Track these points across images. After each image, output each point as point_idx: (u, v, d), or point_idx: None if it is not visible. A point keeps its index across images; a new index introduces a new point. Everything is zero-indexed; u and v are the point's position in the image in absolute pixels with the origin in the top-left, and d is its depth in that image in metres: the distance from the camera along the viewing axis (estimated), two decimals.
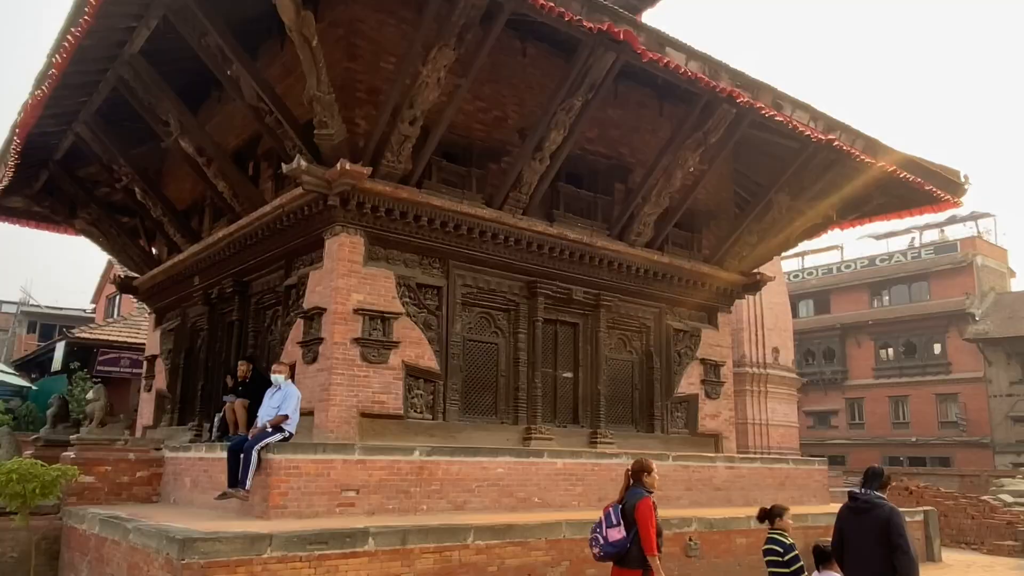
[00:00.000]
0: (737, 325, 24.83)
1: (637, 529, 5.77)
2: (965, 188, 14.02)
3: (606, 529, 5.88)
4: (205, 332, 13.79)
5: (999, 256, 44.23)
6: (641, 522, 5.77)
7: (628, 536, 5.78)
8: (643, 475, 6.15)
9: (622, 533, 5.81)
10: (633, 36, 9.55)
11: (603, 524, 5.91)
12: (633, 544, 5.76)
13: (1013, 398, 37.32)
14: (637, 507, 5.83)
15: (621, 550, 5.82)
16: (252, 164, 12.49)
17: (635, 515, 5.80)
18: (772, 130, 12.12)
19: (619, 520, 5.85)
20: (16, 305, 41.43)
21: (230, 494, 8.57)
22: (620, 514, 5.89)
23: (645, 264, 13.20)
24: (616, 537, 5.81)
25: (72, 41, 9.46)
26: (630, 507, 5.90)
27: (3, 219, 16.89)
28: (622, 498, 6.07)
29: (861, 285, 45.14)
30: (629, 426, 13.13)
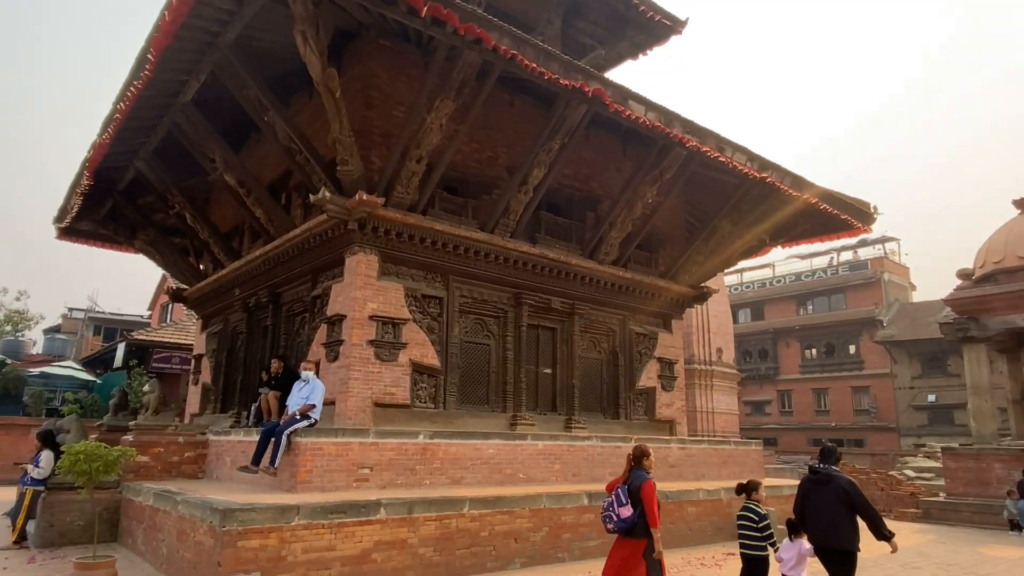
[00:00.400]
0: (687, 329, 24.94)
1: (643, 506, 5.87)
2: (874, 217, 14.19)
3: (617, 508, 5.98)
4: (244, 335, 13.73)
5: (902, 273, 44.78)
6: (646, 500, 5.89)
7: (635, 512, 5.89)
8: (643, 459, 6.24)
9: (631, 511, 5.91)
10: (602, 91, 9.66)
11: (614, 504, 6.01)
12: (639, 519, 5.87)
13: (915, 390, 37.71)
14: (642, 488, 5.93)
15: (630, 525, 5.92)
16: (285, 195, 12.50)
17: (640, 494, 5.89)
18: (716, 168, 12.20)
19: (627, 500, 5.96)
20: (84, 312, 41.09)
21: (251, 469, 8.61)
22: (629, 493, 5.98)
23: (611, 279, 13.24)
24: (626, 515, 5.91)
25: (134, 91, 9.48)
26: (635, 487, 5.98)
27: (74, 239, 16.80)
28: (626, 479, 6.14)
29: (789, 297, 45.58)
30: (598, 414, 13.14)
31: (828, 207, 13.20)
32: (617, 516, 5.95)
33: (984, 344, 16.35)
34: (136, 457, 8.82)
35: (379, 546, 7.24)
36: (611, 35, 15.25)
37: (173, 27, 8.18)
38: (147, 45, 8.69)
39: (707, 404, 25.52)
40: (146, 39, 8.67)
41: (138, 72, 9.13)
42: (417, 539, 7.55)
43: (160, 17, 8.18)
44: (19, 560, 8.41)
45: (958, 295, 16.45)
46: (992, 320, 15.92)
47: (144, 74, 9.01)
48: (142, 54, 8.89)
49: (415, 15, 7.88)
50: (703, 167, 12.42)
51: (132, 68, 9.31)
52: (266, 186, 12.29)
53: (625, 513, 5.92)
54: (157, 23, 8.28)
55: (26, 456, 16.63)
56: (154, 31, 8.42)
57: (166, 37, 8.37)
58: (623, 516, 5.91)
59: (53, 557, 8.57)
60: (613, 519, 6.00)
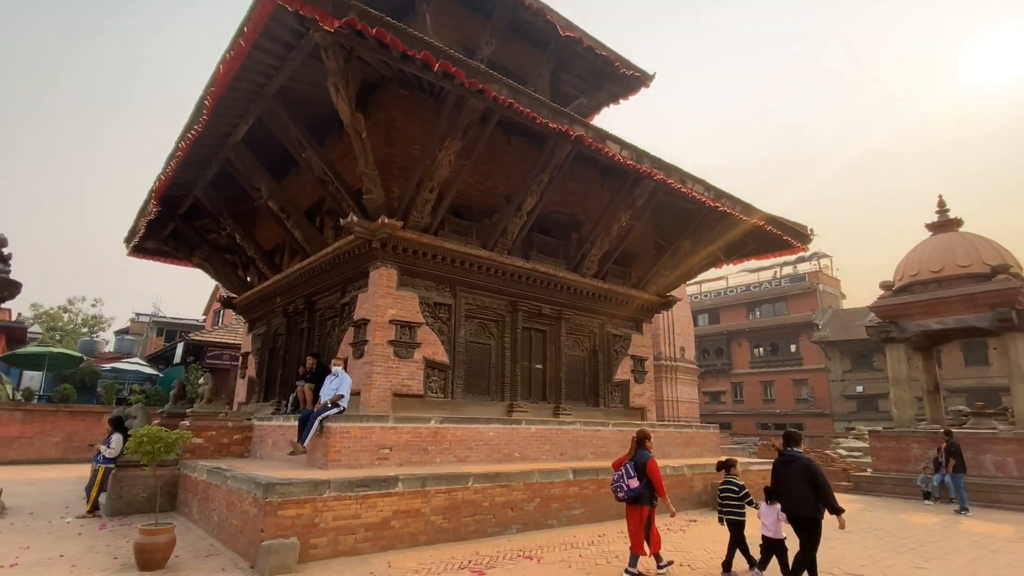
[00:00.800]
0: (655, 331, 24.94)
1: (648, 479, 6.23)
2: (811, 238, 14.24)
3: (626, 480, 6.27)
4: (283, 336, 13.68)
5: (834, 284, 44.92)
6: (652, 474, 6.27)
7: (641, 484, 6.20)
8: (645, 441, 6.53)
9: (638, 483, 6.21)
10: (583, 134, 9.72)
11: (624, 476, 6.30)
12: (644, 489, 6.21)
13: (845, 382, 37.73)
14: (648, 464, 6.29)
15: (638, 494, 6.20)
16: (319, 218, 12.50)
17: (647, 469, 6.25)
18: (680, 197, 12.25)
19: (635, 473, 6.25)
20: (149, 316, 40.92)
21: (295, 448, 8.62)
22: (635, 468, 6.29)
23: (592, 289, 13.26)
24: (635, 485, 6.21)
25: (193, 134, 9.51)
26: (641, 463, 6.30)
27: (141, 256, 16.75)
28: (632, 456, 6.42)
29: (740, 304, 45.66)
30: (581, 402, 13.11)
31: (772, 229, 13.27)
32: (627, 487, 6.23)
33: (903, 344, 16.38)
34: (192, 439, 8.75)
35: (397, 515, 7.19)
36: (592, 86, 15.38)
37: (226, 79, 8.22)
38: (204, 94, 8.72)
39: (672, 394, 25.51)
40: (203, 89, 8.70)
41: (197, 117, 9.16)
42: (429, 509, 7.51)
43: (215, 71, 8.22)
44: (92, 527, 8.33)
45: (881, 303, 16.48)
46: (909, 324, 15.96)
47: (202, 118, 9.05)
48: (200, 102, 8.92)
49: (429, 70, 7.94)
50: (669, 196, 12.47)
51: (192, 113, 9.34)
52: (303, 211, 12.30)
53: (633, 484, 6.20)
54: (213, 76, 8.32)
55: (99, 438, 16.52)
56: (210, 83, 8.45)
57: (220, 88, 8.41)
58: (631, 487, 6.20)
59: (121, 524, 8.49)
60: (624, 489, 6.27)
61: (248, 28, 7.43)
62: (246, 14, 7.34)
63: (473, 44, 12.52)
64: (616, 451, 11.93)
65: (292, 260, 13.25)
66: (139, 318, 43.35)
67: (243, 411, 13.70)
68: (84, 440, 18.66)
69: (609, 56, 13.97)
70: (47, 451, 18.26)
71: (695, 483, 11.42)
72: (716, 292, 48.26)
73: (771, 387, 41.55)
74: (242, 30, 7.52)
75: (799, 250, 14.97)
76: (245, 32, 7.49)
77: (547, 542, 7.82)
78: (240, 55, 7.82)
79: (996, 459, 13.89)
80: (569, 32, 12.90)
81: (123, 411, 11.53)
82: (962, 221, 16.58)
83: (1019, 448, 13.60)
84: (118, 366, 24.78)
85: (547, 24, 12.58)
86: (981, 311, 14.67)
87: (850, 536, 8.86)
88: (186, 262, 16.99)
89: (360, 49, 7.78)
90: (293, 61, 8.41)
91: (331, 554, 6.59)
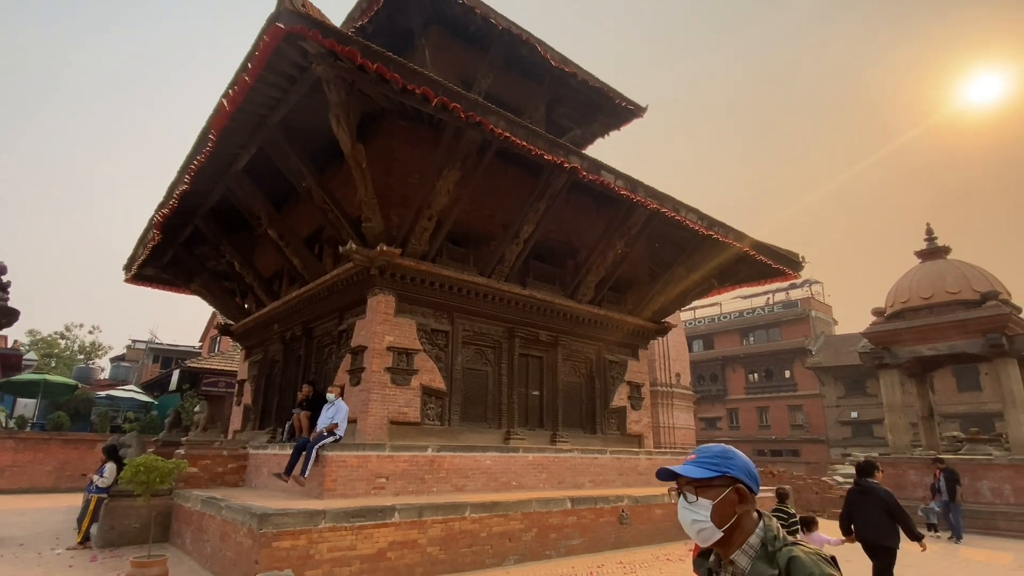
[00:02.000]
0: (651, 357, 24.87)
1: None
2: (802, 265, 14.34)
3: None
4: (280, 363, 13.56)
5: (826, 310, 45.02)
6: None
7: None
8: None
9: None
10: (578, 164, 9.84)
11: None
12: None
13: (840, 408, 37.53)
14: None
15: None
16: (318, 246, 12.49)
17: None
18: (673, 225, 12.34)
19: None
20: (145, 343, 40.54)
21: (290, 478, 8.40)
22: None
23: (588, 315, 13.24)
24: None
25: (196, 164, 9.56)
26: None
27: (140, 283, 16.69)
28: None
29: (734, 330, 45.64)
30: (579, 429, 12.97)
31: (764, 257, 13.34)
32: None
33: (896, 370, 16.36)
34: (187, 469, 8.61)
35: (393, 546, 7.03)
36: (586, 118, 15.63)
37: (230, 110, 8.30)
38: (208, 125, 8.79)
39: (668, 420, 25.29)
40: (207, 121, 8.77)
41: (200, 147, 9.23)
42: (426, 539, 7.35)
43: (219, 103, 8.30)
44: (83, 558, 8.12)
45: (873, 329, 16.51)
46: (902, 350, 15.97)
47: (205, 149, 9.10)
48: (203, 133, 8.99)
49: (428, 103, 8.05)
50: (662, 224, 12.56)
51: (195, 143, 9.41)
52: (302, 239, 12.30)
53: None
54: (216, 107, 8.40)
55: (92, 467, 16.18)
56: (214, 114, 8.53)
57: (224, 119, 8.49)
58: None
59: (113, 556, 8.28)
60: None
61: (252, 62, 7.54)
62: (251, 48, 7.45)
63: (471, 77, 12.74)
64: (614, 479, 11.82)
65: (290, 287, 13.20)
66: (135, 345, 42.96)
67: (238, 439, 13.50)
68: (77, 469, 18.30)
69: (602, 89, 14.23)
70: (39, 480, 17.89)
71: None
72: (710, 318, 48.26)
73: (766, 413, 41.27)
74: (246, 65, 7.62)
75: (791, 277, 15.04)
76: (249, 67, 7.60)
77: (546, 573, 7.66)
78: (244, 88, 7.91)
79: (992, 486, 13.76)
80: (563, 66, 13.16)
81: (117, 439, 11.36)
82: (950, 248, 16.74)
83: (1015, 475, 13.49)
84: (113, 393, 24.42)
85: (541, 58, 12.84)
86: (972, 337, 14.70)
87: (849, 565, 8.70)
88: (185, 289, 16.91)
89: (361, 82, 7.89)
90: (295, 93, 8.50)
91: None
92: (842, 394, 37.67)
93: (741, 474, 1.62)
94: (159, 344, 39.74)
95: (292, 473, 8.32)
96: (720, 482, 1.62)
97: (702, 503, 1.61)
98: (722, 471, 1.62)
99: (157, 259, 14.59)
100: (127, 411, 23.46)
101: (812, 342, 39.94)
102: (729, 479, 1.62)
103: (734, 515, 1.60)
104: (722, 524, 1.59)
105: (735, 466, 1.63)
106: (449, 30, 12.75)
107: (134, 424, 20.95)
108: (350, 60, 7.26)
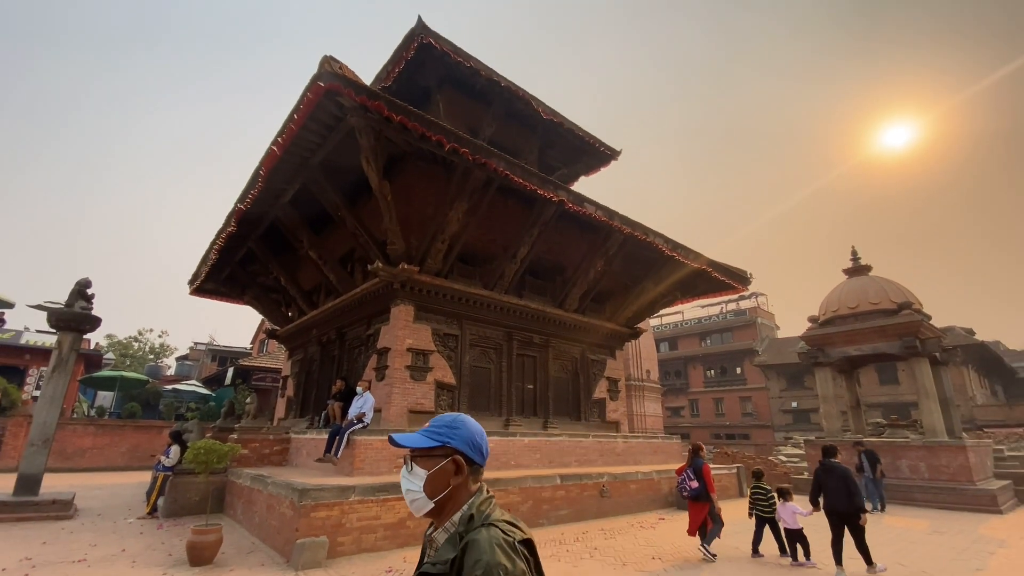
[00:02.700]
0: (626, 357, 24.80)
1: (704, 481, 6.61)
2: (750, 280, 14.36)
3: (688, 482, 6.71)
4: (317, 362, 13.48)
5: (770, 317, 44.93)
6: (707, 478, 6.64)
7: (700, 485, 6.61)
8: (700, 451, 6.93)
9: (697, 483, 6.63)
10: (564, 198, 9.89)
11: (686, 479, 6.74)
12: (703, 489, 6.60)
13: (782, 399, 37.36)
14: (703, 468, 6.68)
15: (698, 493, 6.61)
16: (350, 264, 12.49)
17: (703, 473, 6.65)
18: (644, 247, 12.39)
19: (694, 476, 6.68)
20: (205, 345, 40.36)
21: (325, 459, 8.35)
22: (694, 473, 6.71)
23: (574, 322, 13.22)
24: (695, 486, 6.63)
25: (250, 198, 9.57)
26: (698, 468, 6.70)
27: (201, 295, 16.59)
28: (690, 464, 6.84)
29: (694, 334, 45.47)
30: (566, 417, 12.90)
31: (718, 274, 13.37)
32: (689, 488, 6.66)
33: (829, 367, 16.32)
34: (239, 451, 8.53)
35: (411, 516, 6.94)
36: (572, 159, 15.72)
37: (279, 153, 8.34)
38: (260, 166, 8.83)
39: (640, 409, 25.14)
40: (259, 162, 8.82)
41: (253, 184, 9.26)
42: None
43: (269, 148, 8.35)
44: (151, 526, 8.00)
45: (809, 333, 16.51)
46: (833, 351, 15.95)
47: (257, 186, 9.13)
48: (256, 172, 9.03)
49: (442, 147, 8.10)
50: (635, 246, 12.60)
51: (248, 181, 9.44)
52: (337, 258, 12.30)
53: (693, 485, 6.63)
54: (268, 151, 8.45)
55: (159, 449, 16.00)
56: (265, 157, 8.57)
57: (273, 160, 8.53)
58: (692, 487, 6.63)
59: (176, 524, 8.16)
60: (687, 490, 6.70)
61: (298, 113, 7.59)
62: (297, 102, 7.51)
63: (477, 126, 12.84)
64: (595, 459, 11.71)
65: (327, 299, 13.18)
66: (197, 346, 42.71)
67: (282, 426, 13.38)
68: (146, 451, 18.11)
69: (584, 136, 14.34)
70: (115, 460, 17.69)
71: (662, 486, 11.15)
72: (674, 324, 48.14)
73: (722, 403, 41.04)
74: (292, 116, 7.68)
75: (741, 290, 15.06)
76: (295, 117, 7.65)
77: (539, 539, 7.55)
78: (291, 135, 7.96)
79: (910, 463, 13.68)
80: (552, 117, 13.27)
81: (181, 426, 11.26)
82: (871, 267, 16.81)
83: (928, 454, 13.41)
84: (178, 387, 24.26)
85: (534, 111, 12.95)
86: (891, 340, 14.71)
87: None
88: (238, 300, 16.86)
89: (387, 130, 7.94)
90: (332, 139, 8.55)
91: (355, 551, 6.34)
92: (784, 387, 37.55)
93: (462, 445, 1.33)
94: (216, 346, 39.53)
95: (330, 453, 8.27)
96: (440, 452, 1.33)
97: (418, 472, 1.33)
98: (443, 440, 1.34)
99: (216, 275, 14.56)
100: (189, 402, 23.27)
101: (758, 344, 39.89)
102: (449, 450, 1.33)
103: (447, 487, 1.31)
104: (434, 495, 1.30)
105: (457, 436, 1.35)
106: (459, 88, 12.87)
107: (195, 413, 20.78)
108: (378, 112, 7.32)
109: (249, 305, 16.63)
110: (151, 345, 41.20)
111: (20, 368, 21.49)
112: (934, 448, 13.35)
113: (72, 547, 6.52)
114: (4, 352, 21.35)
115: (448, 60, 11.34)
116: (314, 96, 7.19)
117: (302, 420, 12.91)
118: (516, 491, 8.31)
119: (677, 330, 47.07)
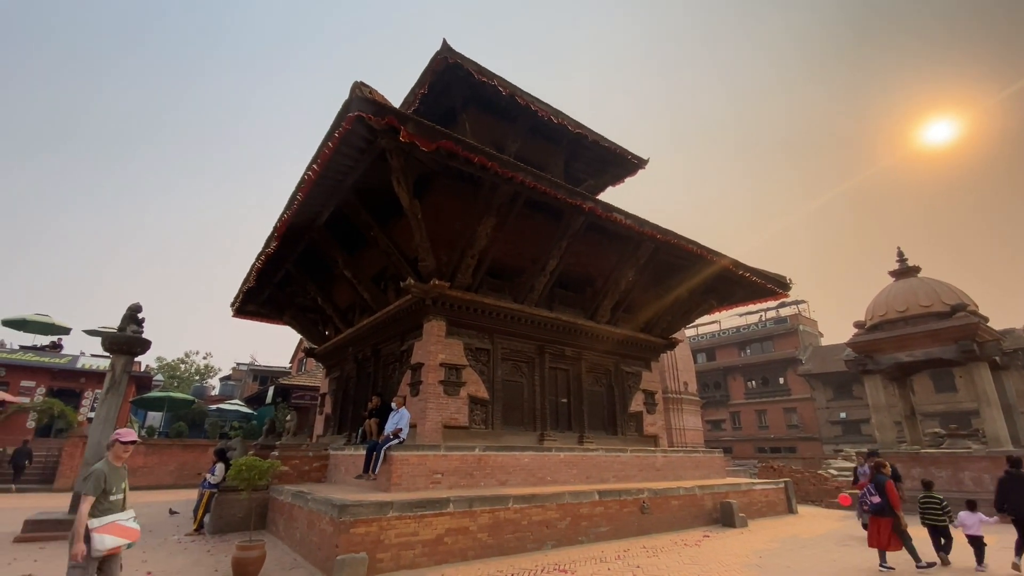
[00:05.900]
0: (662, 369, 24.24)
1: (887, 496, 6.84)
2: (790, 286, 13.88)
3: (870, 497, 6.97)
4: (354, 379, 13.69)
5: (812, 325, 43.21)
6: (890, 493, 6.87)
7: (883, 500, 6.85)
8: (882, 468, 7.20)
9: (879, 499, 6.88)
10: (594, 207, 9.84)
11: (867, 494, 7.01)
12: (885, 503, 6.82)
13: (830, 409, 35.70)
14: (886, 485, 6.92)
15: (880, 508, 6.85)
16: (383, 282, 12.67)
17: (885, 489, 6.89)
18: (675, 255, 12.16)
19: (876, 492, 6.94)
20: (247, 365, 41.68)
21: (364, 476, 8.40)
22: (876, 488, 6.95)
23: (606, 334, 13.03)
24: (876, 501, 6.90)
25: (286, 219, 9.91)
26: (880, 484, 6.94)
27: (242, 317, 17.21)
28: (871, 480, 7.09)
29: (733, 344, 44.12)
30: (602, 431, 12.65)
31: (757, 279, 12.98)
32: (871, 503, 6.89)
33: (879, 374, 15.52)
34: (280, 468, 8.69)
35: (449, 532, 6.91)
36: (598, 171, 15.67)
37: (314, 177, 8.62)
38: (296, 191, 9.13)
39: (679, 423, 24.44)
40: (295, 187, 9.12)
41: (291, 205, 9.57)
42: (476, 527, 7.20)
43: (305, 173, 8.64)
44: (198, 543, 8.22)
45: (856, 340, 15.76)
46: (883, 357, 15.17)
47: (294, 207, 9.44)
48: (293, 196, 9.33)
49: (470, 163, 8.22)
50: (666, 255, 12.40)
51: (286, 204, 9.77)
52: (370, 277, 12.52)
53: (876, 500, 6.87)
54: (303, 177, 8.74)
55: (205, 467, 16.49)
56: (301, 183, 8.87)
57: (309, 185, 8.81)
58: (874, 502, 6.86)
59: (222, 540, 8.36)
60: (868, 504, 6.93)
61: (331, 139, 7.85)
62: (331, 127, 7.77)
63: (502, 143, 12.98)
64: (634, 474, 11.40)
65: (361, 317, 13.40)
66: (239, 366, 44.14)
67: (320, 443, 13.60)
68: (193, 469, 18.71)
69: (611, 147, 14.28)
70: (163, 478, 18.34)
71: (706, 502, 10.75)
72: (711, 334, 46.85)
73: (765, 415, 39.50)
74: (327, 142, 7.95)
75: (781, 296, 14.57)
76: (330, 144, 7.91)
77: (579, 557, 7.37)
78: (325, 158, 8.23)
79: (973, 475, 12.77)
80: (578, 130, 13.28)
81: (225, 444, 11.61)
82: (920, 268, 16.00)
83: (992, 465, 12.49)
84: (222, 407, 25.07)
85: (559, 125, 12.98)
86: (945, 344, 13.89)
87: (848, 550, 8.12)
88: (278, 320, 17.37)
89: (416, 151, 8.12)
90: (364, 161, 8.77)
91: (393, 567, 6.33)
92: (831, 397, 35.87)
93: None
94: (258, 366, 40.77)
95: (368, 470, 8.33)
96: None
97: None
98: None
99: (256, 297, 15.06)
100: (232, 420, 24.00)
101: (801, 352, 38.32)
102: None
103: None
104: None
105: None
106: (483, 106, 13.06)
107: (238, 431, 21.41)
108: (407, 134, 7.48)
109: (288, 325, 17.10)
110: (197, 366, 42.86)
111: (76, 391, 22.70)
112: (999, 459, 12.43)
113: (124, 563, 6.74)
114: (62, 376, 22.61)
115: (472, 80, 11.55)
116: (346, 121, 7.42)
117: (340, 437, 13.07)
118: (554, 507, 8.15)
119: (714, 340, 45.79)
